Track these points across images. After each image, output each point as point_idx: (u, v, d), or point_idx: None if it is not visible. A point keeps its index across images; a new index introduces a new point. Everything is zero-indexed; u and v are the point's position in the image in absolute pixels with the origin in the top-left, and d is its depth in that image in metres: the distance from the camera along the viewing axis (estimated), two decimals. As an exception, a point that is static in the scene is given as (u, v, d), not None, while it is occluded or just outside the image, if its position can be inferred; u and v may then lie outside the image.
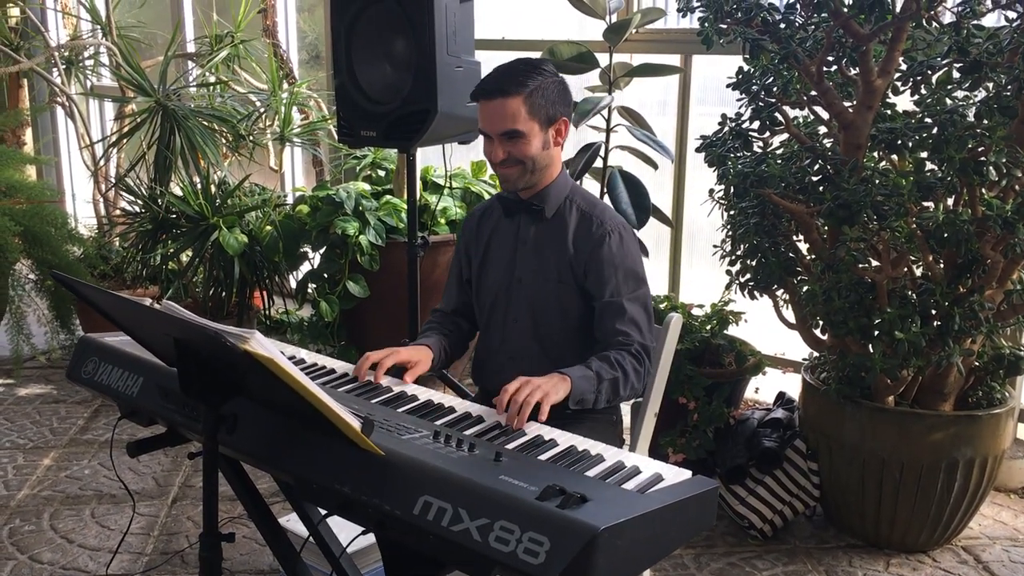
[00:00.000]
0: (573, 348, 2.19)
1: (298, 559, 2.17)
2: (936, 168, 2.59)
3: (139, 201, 4.37)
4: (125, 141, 4.63)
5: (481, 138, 2.18)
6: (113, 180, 4.87)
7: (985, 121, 2.53)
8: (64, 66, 5.18)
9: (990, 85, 2.58)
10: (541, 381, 1.87)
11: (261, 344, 1.40)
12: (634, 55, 3.91)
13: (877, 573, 2.79)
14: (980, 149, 2.51)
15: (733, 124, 3.03)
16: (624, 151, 3.61)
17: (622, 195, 3.41)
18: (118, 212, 4.87)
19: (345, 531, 1.90)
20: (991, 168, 2.42)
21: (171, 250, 4.31)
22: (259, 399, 1.68)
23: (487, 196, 4.12)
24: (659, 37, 3.93)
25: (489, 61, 3.32)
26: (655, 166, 3.60)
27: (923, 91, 2.72)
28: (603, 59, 3.53)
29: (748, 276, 3.06)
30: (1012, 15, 2.52)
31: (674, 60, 3.81)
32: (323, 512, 1.97)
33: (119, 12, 5.09)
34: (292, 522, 2.50)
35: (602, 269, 2.13)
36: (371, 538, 2.36)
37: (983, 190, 2.59)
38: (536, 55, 3.59)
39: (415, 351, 2.14)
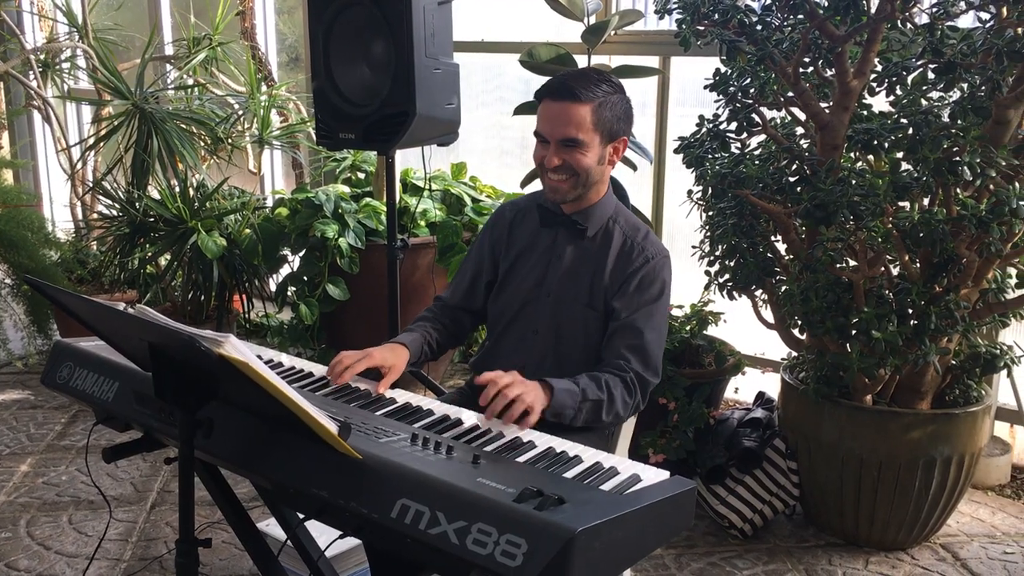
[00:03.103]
0: (588, 370, 2.12)
1: (276, 563, 2.16)
2: (911, 168, 2.61)
3: (116, 205, 4.33)
4: (102, 144, 4.59)
5: (462, 139, 2.15)
6: (90, 184, 4.83)
7: (959, 122, 2.55)
8: (40, 69, 5.13)
9: (964, 86, 2.61)
10: (529, 387, 1.84)
11: (236, 348, 1.39)
12: (613, 57, 3.92)
13: (856, 571, 2.81)
14: (955, 149, 2.53)
15: (711, 125, 3.04)
16: (603, 153, 3.61)
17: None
18: (95, 216, 4.83)
19: (325, 535, 1.90)
20: (965, 168, 2.44)
21: (149, 254, 4.28)
22: (235, 403, 1.67)
23: (467, 198, 4.12)
24: (637, 39, 3.94)
25: (467, 63, 3.32)
26: (634, 167, 3.61)
27: (898, 92, 2.74)
28: (582, 61, 3.54)
29: (727, 276, 3.07)
30: (986, 16, 2.54)
31: (653, 62, 3.82)
32: (301, 516, 1.97)
33: (96, 15, 5.05)
34: (271, 526, 2.49)
35: (629, 293, 2.07)
36: (350, 542, 2.36)
37: (958, 190, 2.62)
38: (514, 57, 3.61)
39: (390, 353, 2.09)
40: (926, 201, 2.72)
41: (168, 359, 1.58)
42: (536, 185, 2.66)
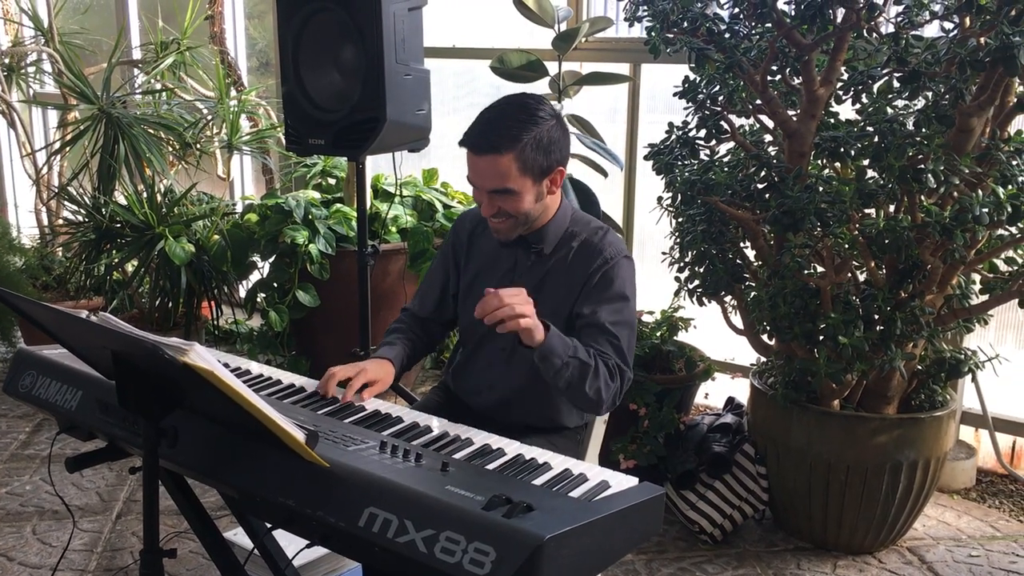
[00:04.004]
0: None
1: (243, 573, 2.14)
2: (877, 176, 2.64)
3: (82, 210, 4.28)
4: (68, 149, 4.53)
5: (433, 144, 2.14)
6: (56, 189, 4.77)
7: (924, 130, 2.58)
8: (5, 73, 5.06)
9: (928, 95, 2.64)
10: (530, 311, 1.80)
11: (201, 356, 1.38)
12: (583, 63, 3.93)
13: (824, 575, 2.83)
14: (919, 157, 2.56)
15: (680, 132, 3.06)
16: (574, 159, 3.63)
17: (572, 203, 3.41)
18: (61, 222, 4.77)
19: (293, 544, 1.88)
20: (930, 176, 2.47)
21: (115, 260, 4.23)
22: (201, 412, 1.65)
23: (439, 204, 4.11)
24: (608, 46, 3.96)
25: (438, 69, 3.32)
26: (605, 174, 3.63)
27: (864, 100, 2.77)
28: (552, 68, 3.55)
29: (697, 282, 3.09)
30: (949, 26, 2.58)
31: (623, 69, 3.84)
32: (268, 525, 1.95)
33: (62, 18, 4.99)
34: (238, 536, 2.46)
35: (592, 293, 2.04)
36: (317, 551, 2.34)
37: (922, 197, 2.65)
38: (486, 63, 3.61)
39: (379, 369, 2.07)
40: (892, 208, 2.75)
41: (132, 368, 1.56)
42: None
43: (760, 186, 2.84)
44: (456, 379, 2.30)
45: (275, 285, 3.89)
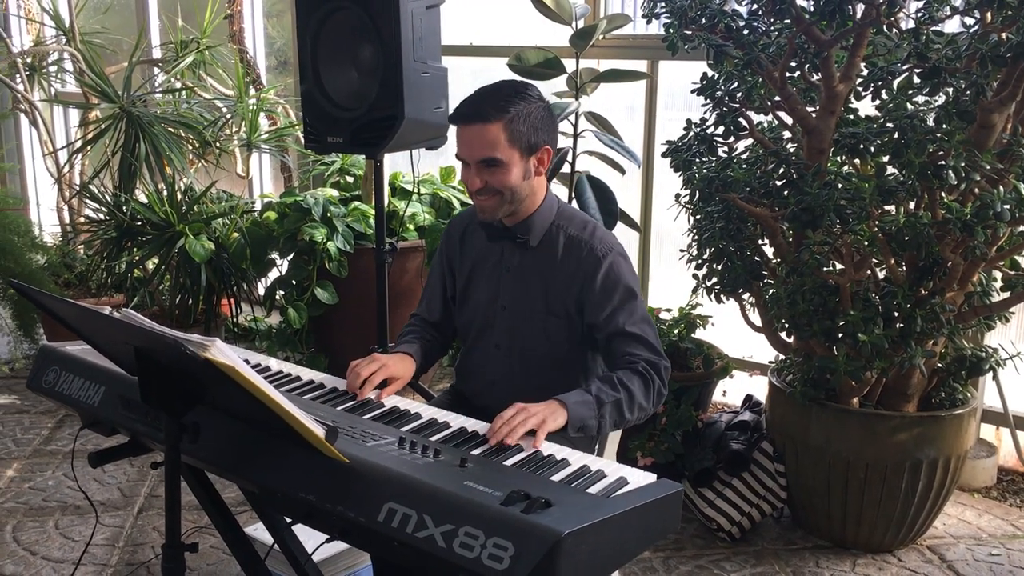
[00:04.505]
0: (559, 376, 2.12)
1: (263, 568, 2.16)
2: (897, 172, 2.63)
3: (104, 208, 4.32)
4: (89, 148, 4.57)
5: (451, 142, 2.14)
6: (77, 187, 4.81)
7: (944, 126, 2.57)
8: (27, 72, 5.11)
9: (949, 90, 2.63)
10: (538, 408, 1.80)
11: (222, 352, 1.39)
12: (601, 61, 3.93)
13: (843, 573, 2.82)
14: (940, 153, 2.54)
15: (698, 129, 3.05)
16: (592, 156, 3.63)
17: (590, 200, 3.42)
18: (82, 220, 4.81)
19: (313, 539, 1.89)
20: (950, 172, 2.45)
21: (136, 258, 4.26)
22: (222, 407, 1.67)
23: (456, 202, 4.12)
24: (626, 43, 3.95)
25: (456, 67, 3.32)
26: (622, 171, 3.62)
27: (884, 96, 2.76)
28: (570, 65, 3.54)
29: (714, 280, 3.08)
30: (970, 21, 2.56)
31: (641, 66, 3.83)
32: (288, 520, 1.97)
33: (83, 18, 5.03)
34: (258, 531, 2.48)
35: (599, 300, 2.04)
36: (337, 546, 2.35)
37: (943, 194, 2.63)
38: (503, 61, 3.61)
39: (400, 364, 2.08)
40: (912, 205, 2.74)
41: (154, 363, 1.58)
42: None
43: (779, 183, 2.83)
44: (461, 379, 2.33)
45: (294, 282, 3.91)
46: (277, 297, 4.01)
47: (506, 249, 2.15)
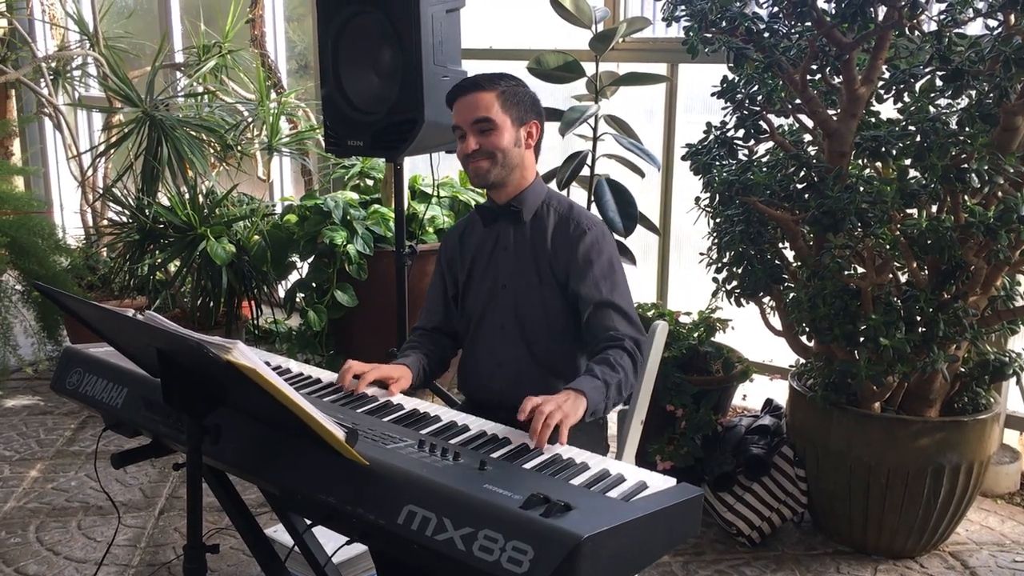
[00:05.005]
0: (561, 350, 2.21)
1: (284, 569, 2.17)
2: (919, 175, 2.61)
3: (127, 211, 4.36)
4: (112, 151, 4.62)
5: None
6: (101, 190, 4.86)
7: (967, 129, 2.54)
8: (52, 77, 5.17)
9: (972, 93, 2.60)
10: (561, 401, 1.83)
11: (244, 354, 1.40)
12: (620, 64, 3.92)
13: (865, 579, 2.80)
14: (962, 156, 2.53)
15: (718, 132, 3.04)
16: (611, 159, 3.63)
17: (609, 203, 3.42)
18: (105, 222, 4.86)
19: (332, 541, 1.90)
20: (973, 175, 2.44)
21: (159, 260, 4.30)
22: (243, 409, 1.68)
23: (475, 205, 4.12)
24: (645, 46, 3.95)
25: (476, 70, 3.33)
26: (642, 174, 3.61)
27: (906, 99, 2.74)
28: (589, 68, 3.55)
29: (735, 283, 3.07)
30: (993, 24, 2.54)
31: (660, 69, 3.83)
32: (308, 522, 1.98)
33: (107, 23, 5.08)
34: (279, 532, 2.50)
35: (582, 270, 2.15)
36: (357, 548, 2.36)
37: (966, 197, 2.61)
38: (522, 64, 3.62)
39: (395, 368, 2.13)
40: (934, 208, 2.72)
41: (176, 365, 1.59)
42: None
43: (800, 186, 2.82)
44: (466, 377, 2.34)
45: (314, 285, 3.93)
46: (297, 299, 4.04)
47: (501, 231, 2.27)
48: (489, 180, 2.17)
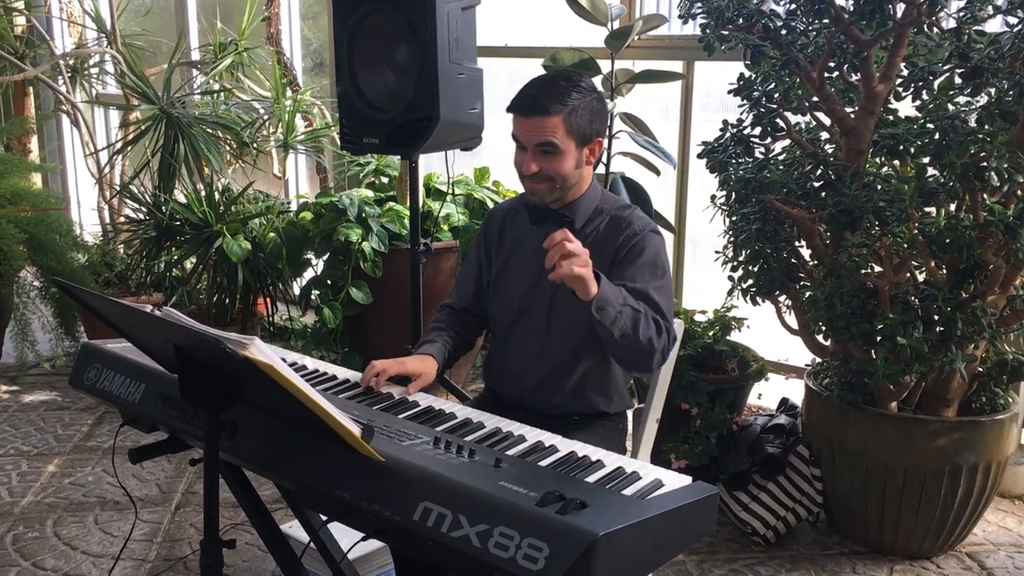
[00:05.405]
0: (597, 360, 2.16)
1: (299, 565, 2.17)
2: (938, 174, 2.59)
3: (143, 208, 4.38)
4: (129, 149, 4.64)
5: (485, 143, 2.16)
6: (117, 187, 4.88)
7: (986, 127, 2.52)
8: (69, 74, 5.20)
9: (991, 91, 2.58)
10: (586, 255, 1.81)
11: (260, 350, 1.41)
12: (636, 61, 3.92)
13: (881, 579, 2.79)
14: (982, 155, 2.51)
15: (735, 130, 3.03)
16: (626, 157, 3.62)
17: (623, 197, 3.41)
18: (122, 219, 4.89)
19: (348, 537, 1.91)
20: (993, 174, 2.42)
21: (175, 257, 4.32)
22: (259, 405, 1.69)
23: (490, 203, 4.13)
24: (661, 43, 3.93)
25: (491, 68, 3.33)
26: (657, 172, 3.61)
27: (925, 96, 2.72)
28: (605, 66, 3.54)
29: (750, 282, 3.06)
30: (1013, 21, 2.52)
31: (676, 66, 3.81)
32: (324, 518, 1.98)
33: (124, 20, 5.11)
34: (294, 528, 2.51)
35: (624, 263, 2.09)
36: (372, 544, 2.37)
37: (985, 195, 2.59)
38: (538, 62, 3.62)
39: (420, 363, 2.11)
40: (952, 207, 2.70)
41: (194, 361, 1.60)
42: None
43: (816, 184, 2.80)
44: (492, 372, 2.32)
45: (329, 282, 3.94)
46: (312, 297, 4.05)
47: (550, 231, 2.16)
48: (545, 201, 2.12)
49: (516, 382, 2.25)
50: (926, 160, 2.64)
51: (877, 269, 2.76)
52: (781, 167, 2.93)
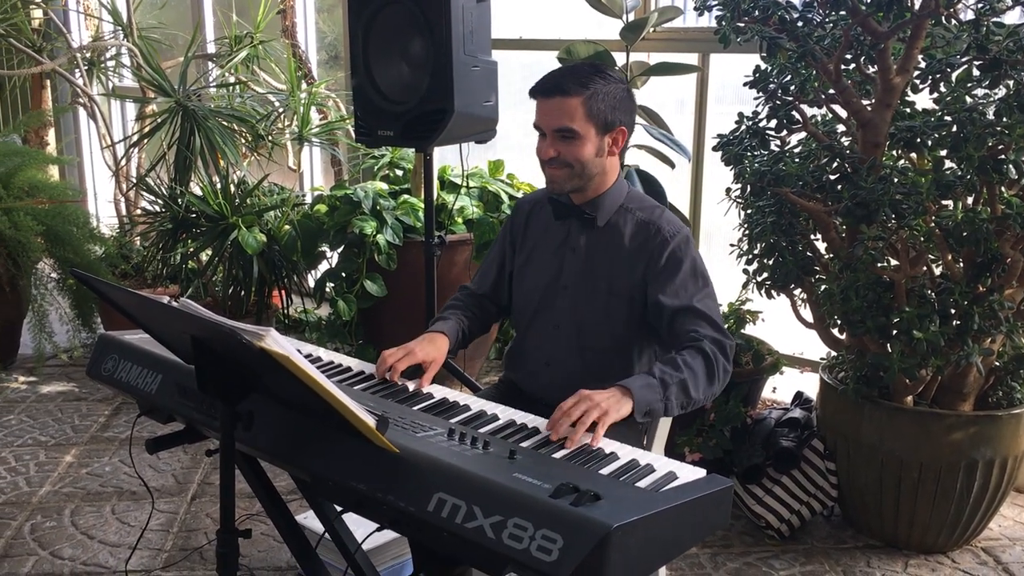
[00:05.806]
0: (615, 360, 2.13)
1: (314, 556, 2.19)
2: (955, 166, 2.57)
3: (159, 201, 4.40)
4: (146, 141, 4.66)
5: (500, 136, 2.16)
6: (134, 180, 4.91)
7: (1005, 119, 2.50)
8: (86, 67, 5.23)
9: (1010, 83, 2.56)
10: (601, 398, 1.75)
11: (277, 342, 1.41)
12: (651, 54, 3.90)
13: (895, 574, 2.78)
14: (1000, 147, 2.49)
15: (750, 123, 3.02)
16: (641, 150, 3.61)
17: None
18: (139, 211, 4.91)
19: (363, 528, 1.92)
20: (1011, 166, 2.40)
21: (191, 249, 4.34)
22: (275, 396, 1.70)
23: (504, 196, 4.13)
24: (676, 36, 3.92)
25: (506, 61, 3.33)
26: (672, 165, 3.60)
27: (942, 89, 2.70)
28: (620, 58, 3.53)
29: (765, 275, 3.05)
30: (1033, 12, 2.50)
31: (691, 59, 3.80)
32: (339, 509, 1.99)
33: (140, 13, 5.13)
34: (309, 519, 2.52)
35: (663, 278, 2.04)
36: (387, 535, 2.37)
37: (1003, 188, 2.57)
38: (553, 55, 3.61)
39: (431, 346, 2.10)
40: (970, 200, 2.68)
41: (210, 352, 1.61)
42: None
43: (832, 177, 2.79)
44: (513, 365, 2.31)
45: (343, 275, 3.95)
46: (327, 289, 4.06)
47: (573, 228, 2.17)
48: (564, 189, 2.09)
49: (532, 379, 2.25)
50: (943, 153, 2.62)
51: (893, 262, 2.75)
52: (797, 160, 2.92)
